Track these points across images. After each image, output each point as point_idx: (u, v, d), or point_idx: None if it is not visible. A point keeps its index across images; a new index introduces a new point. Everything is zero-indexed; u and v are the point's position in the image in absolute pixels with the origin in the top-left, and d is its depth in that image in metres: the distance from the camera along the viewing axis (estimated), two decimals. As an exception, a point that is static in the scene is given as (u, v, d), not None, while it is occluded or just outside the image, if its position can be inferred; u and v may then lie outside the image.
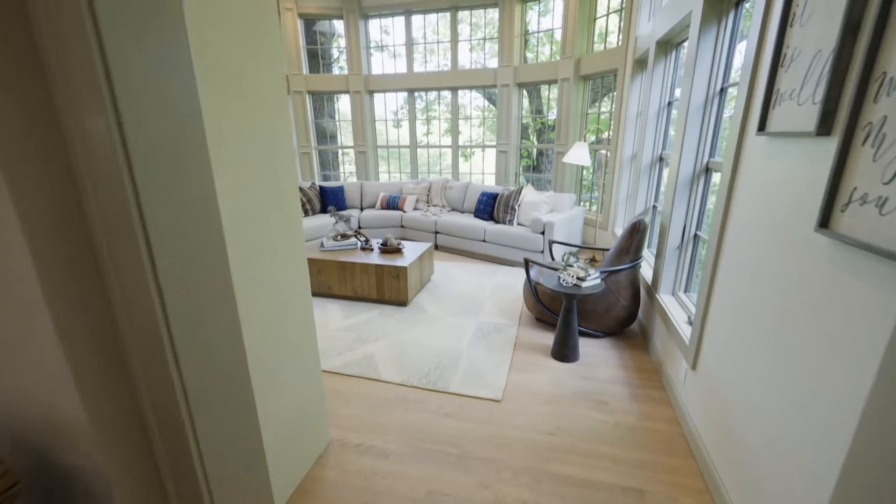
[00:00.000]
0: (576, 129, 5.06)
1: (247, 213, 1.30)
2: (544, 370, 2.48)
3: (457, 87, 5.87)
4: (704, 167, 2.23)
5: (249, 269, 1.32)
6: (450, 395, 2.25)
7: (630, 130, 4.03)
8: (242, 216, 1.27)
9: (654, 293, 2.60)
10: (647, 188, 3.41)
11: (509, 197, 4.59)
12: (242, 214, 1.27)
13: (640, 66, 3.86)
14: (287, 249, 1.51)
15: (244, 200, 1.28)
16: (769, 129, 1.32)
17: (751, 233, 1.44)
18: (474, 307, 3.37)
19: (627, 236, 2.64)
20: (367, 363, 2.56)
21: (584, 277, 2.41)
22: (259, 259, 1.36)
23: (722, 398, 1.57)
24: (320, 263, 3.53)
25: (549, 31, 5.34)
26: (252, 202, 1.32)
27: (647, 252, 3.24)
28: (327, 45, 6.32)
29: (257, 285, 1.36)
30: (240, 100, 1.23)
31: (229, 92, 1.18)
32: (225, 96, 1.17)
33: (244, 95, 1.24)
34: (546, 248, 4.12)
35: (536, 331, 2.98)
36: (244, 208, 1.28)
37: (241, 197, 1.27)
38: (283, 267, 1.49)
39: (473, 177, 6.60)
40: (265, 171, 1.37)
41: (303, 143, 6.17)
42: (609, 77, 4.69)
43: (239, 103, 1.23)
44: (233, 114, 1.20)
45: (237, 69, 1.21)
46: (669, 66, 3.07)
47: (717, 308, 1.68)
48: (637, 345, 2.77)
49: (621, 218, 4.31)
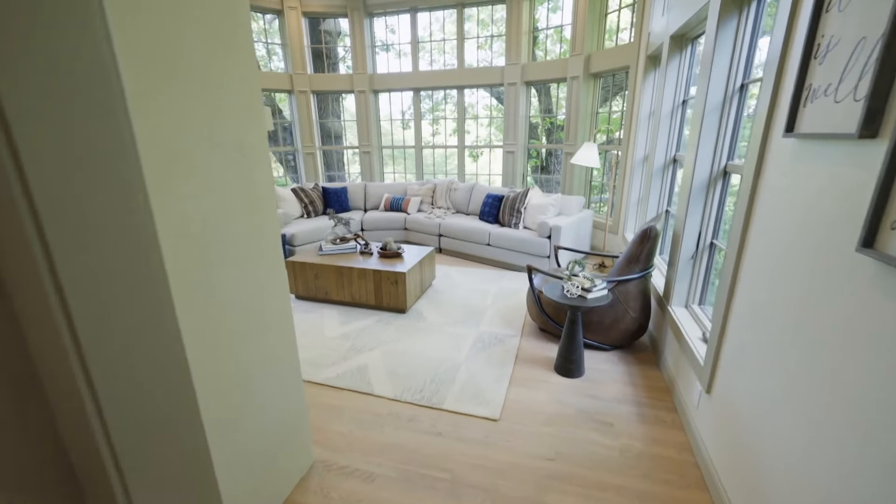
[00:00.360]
0: (585, 129, 4.88)
1: (214, 220, 1.18)
2: (546, 386, 2.33)
3: (463, 86, 5.73)
4: (722, 171, 2.06)
5: (218, 282, 1.20)
6: (444, 412, 2.12)
7: (642, 131, 3.84)
8: (209, 224, 1.16)
9: (665, 305, 2.43)
10: (659, 192, 3.23)
11: (515, 199, 4.44)
12: (209, 222, 1.16)
13: (654, 62, 3.67)
14: (262, 259, 1.40)
15: (211, 207, 1.17)
16: (799, 130, 1.16)
17: (776, 246, 1.27)
18: (475, 315, 3.23)
19: (637, 243, 2.47)
20: (361, 375, 2.44)
21: (589, 288, 2.25)
22: (228, 270, 1.25)
23: (741, 428, 1.41)
24: (318, 268, 3.43)
25: (559, 28, 5.17)
26: (220, 209, 1.20)
27: (659, 259, 3.06)
28: (332, 44, 6.24)
29: (226, 299, 1.24)
30: (204, 101, 1.11)
31: (192, 92, 1.07)
32: (186, 97, 1.05)
33: (210, 96, 1.13)
34: (552, 253, 3.96)
35: (540, 342, 2.83)
36: (211, 216, 1.17)
37: (208, 203, 1.16)
38: (257, 278, 1.38)
39: (480, 178, 6.44)
40: (235, 175, 1.26)
41: (307, 143, 6.10)
42: (620, 75, 4.50)
43: (203, 104, 1.11)
44: (196, 115, 1.09)
45: (201, 68, 1.09)
46: (684, 63, 2.89)
47: (735, 327, 1.52)
48: (647, 359, 2.60)
49: (632, 222, 4.12)
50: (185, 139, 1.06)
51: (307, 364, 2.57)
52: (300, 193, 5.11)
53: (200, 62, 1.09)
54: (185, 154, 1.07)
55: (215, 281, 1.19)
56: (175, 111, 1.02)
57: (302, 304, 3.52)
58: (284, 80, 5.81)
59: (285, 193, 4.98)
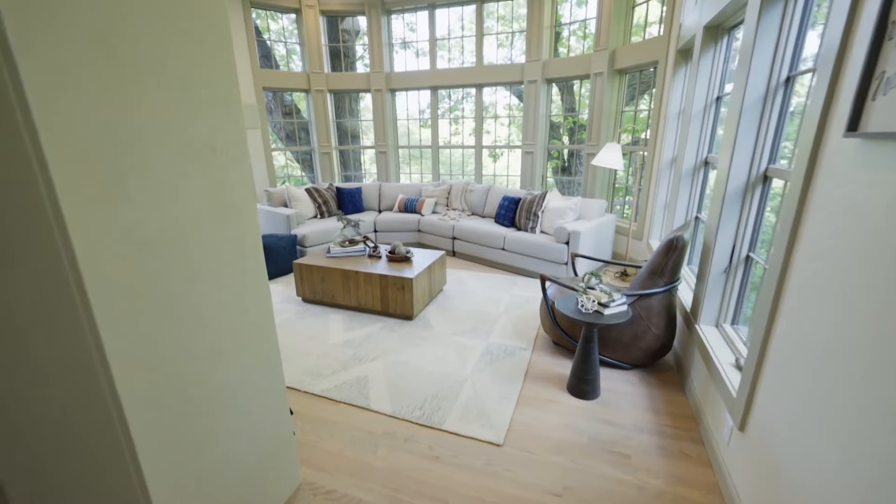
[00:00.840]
0: (609, 129, 4.62)
1: (178, 228, 1.07)
2: (557, 408, 2.14)
3: (482, 84, 5.55)
4: (762, 175, 1.82)
5: (180, 297, 1.09)
6: (444, 433, 1.97)
7: (671, 130, 3.57)
8: (169, 233, 1.05)
9: (692, 323, 2.20)
10: (688, 196, 2.97)
11: (532, 202, 4.24)
12: (169, 231, 1.05)
13: (685, 56, 3.40)
14: (240, 271, 1.28)
15: (173, 214, 1.06)
16: (866, 129, 0.95)
17: (832, 268, 1.06)
18: (486, 325, 3.06)
19: (662, 254, 2.25)
20: (359, 387, 2.32)
21: (607, 303, 2.05)
22: (194, 284, 1.13)
23: (781, 475, 1.20)
24: (324, 271, 3.34)
25: (583, 23, 4.92)
26: (186, 216, 1.09)
27: (686, 271, 2.81)
28: (351, 43, 6.18)
29: (192, 316, 1.13)
30: (163, 93, 1.00)
31: (141, 81, 0.95)
32: (133, 85, 0.94)
33: (170, 87, 1.02)
34: (569, 260, 3.74)
35: (552, 357, 2.64)
36: (172, 223, 1.05)
37: (170, 209, 1.04)
38: (233, 293, 1.26)
39: (499, 179, 6.25)
40: (206, 178, 1.15)
41: (323, 142, 6.06)
42: (648, 71, 4.23)
43: (161, 95, 1.00)
44: (150, 108, 0.98)
45: (154, 54, 0.97)
46: (719, 56, 2.63)
47: (777, 358, 1.30)
48: (671, 381, 2.37)
49: (658, 228, 3.86)
50: (134, 135, 0.95)
51: (306, 373, 2.47)
52: (314, 193, 5.06)
53: (154, 47, 0.97)
54: (134, 152, 0.95)
55: (177, 296, 1.08)
56: (114, 101, 0.90)
57: (309, 307, 3.44)
58: (302, 79, 5.79)
59: (299, 193, 4.94)
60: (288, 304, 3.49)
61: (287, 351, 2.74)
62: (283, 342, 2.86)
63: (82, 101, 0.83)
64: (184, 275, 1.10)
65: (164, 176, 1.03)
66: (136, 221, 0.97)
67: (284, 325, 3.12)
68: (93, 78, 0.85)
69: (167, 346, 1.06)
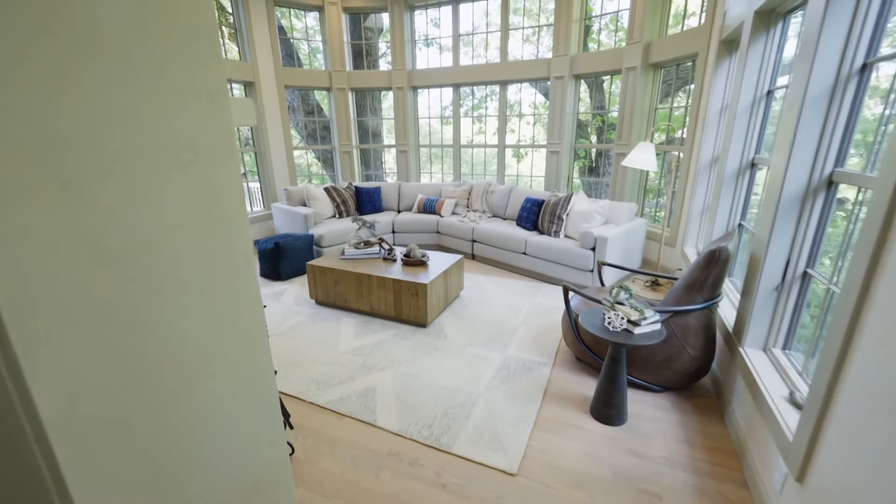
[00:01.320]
0: (641, 128, 4.33)
1: (149, 237, 0.96)
2: (578, 434, 1.94)
3: (506, 81, 5.35)
4: (826, 180, 1.57)
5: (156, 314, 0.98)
6: (453, 457, 1.81)
7: (711, 128, 3.28)
8: (137, 243, 0.93)
9: (735, 344, 1.95)
10: (731, 201, 2.70)
11: (556, 204, 4.01)
12: (137, 240, 0.93)
13: (729, 47, 3.11)
14: (225, 284, 1.16)
15: (142, 221, 0.94)
16: None
17: (935, 302, 0.84)
18: (503, 335, 2.88)
19: (702, 267, 2.01)
20: (366, 400, 2.19)
21: (637, 321, 1.84)
22: (168, 300, 1.02)
23: (856, 557, 0.98)
24: (337, 273, 3.24)
25: (615, 14, 4.64)
26: (159, 223, 0.98)
27: (728, 284, 2.54)
28: (374, 40, 6.10)
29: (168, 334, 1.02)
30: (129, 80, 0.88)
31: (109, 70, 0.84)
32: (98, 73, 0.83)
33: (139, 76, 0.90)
34: (595, 267, 3.50)
35: (575, 374, 2.43)
36: (141, 231, 0.94)
37: (140, 216, 0.93)
38: (217, 307, 1.14)
39: (522, 180, 6.02)
40: (186, 181, 1.03)
41: (344, 141, 6.01)
42: (685, 65, 3.92)
43: (127, 85, 0.88)
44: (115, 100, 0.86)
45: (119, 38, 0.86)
46: (771, 44, 2.35)
47: (851, 398, 1.08)
48: (708, 408, 2.12)
49: (694, 234, 3.56)
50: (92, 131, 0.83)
51: (313, 382, 2.36)
52: (333, 193, 5.00)
53: (116, 27, 0.86)
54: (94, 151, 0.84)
55: (147, 313, 0.96)
56: (66, 91, 0.80)
57: (321, 310, 3.36)
58: (323, 77, 5.75)
59: (318, 193, 4.89)
60: (301, 307, 3.42)
61: (296, 356, 2.65)
62: (292, 347, 2.77)
63: (27, 89, 0.72)
64: (156, 289, 0.98)
65: (133, 178, 0.91)
66: (99, 229, 0.86)
67: (296, 328, 3.04)
68: (38, 63, 0.74)
69: (133, 369, 0.94)
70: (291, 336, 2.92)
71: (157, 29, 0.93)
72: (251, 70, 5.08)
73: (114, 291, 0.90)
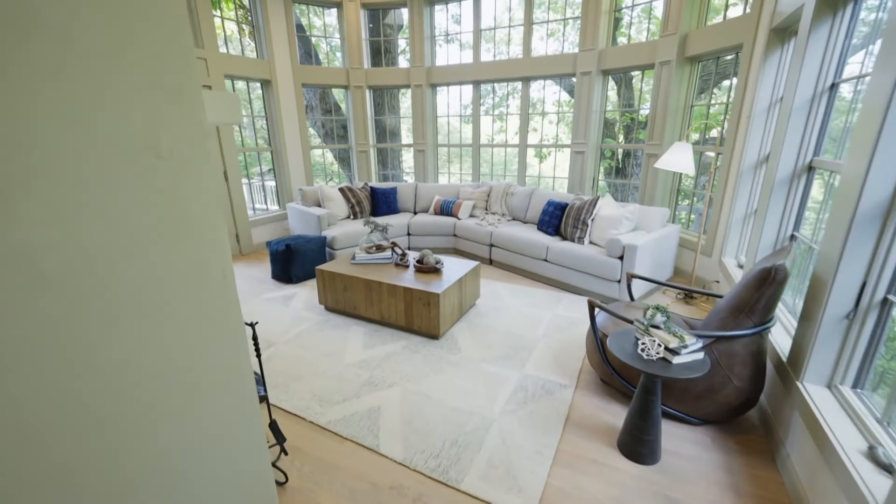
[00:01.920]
0: (674, 127, 4.02)
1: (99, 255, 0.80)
2: (604, 472, 1.72)
3: (529, 78, 5.10)
4: (919, 189, 1.30)
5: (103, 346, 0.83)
6: (462, 494, 1.62)
7: (757, 127, 2.97)
8: (85, 263, 0.78)
9: (792, 378, 1.69)
10: (783, 209, 2.40)
11: (581, 209, 3.76)
12: (86, 260, 0.78)
13: (781, 37, 2.79)
14: (198, 308, 1.01)
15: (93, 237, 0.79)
16: None
17: None
18: (521, 351, 2.67)
19: (753, 287, 1.75)
20: (370, 422, 2.02)
21: (676, 349, 1.60)
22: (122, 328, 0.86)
23: None
24: (346, 279, 3.09)
25: (648, 5, 4.32)
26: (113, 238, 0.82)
27: (780, 306, 2.26)
28: (393, 37, 5.96)
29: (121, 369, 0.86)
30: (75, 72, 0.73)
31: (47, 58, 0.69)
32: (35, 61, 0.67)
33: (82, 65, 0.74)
34: (622, 278, 3.24)
35: (600, 399, 2.20)
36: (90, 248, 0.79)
37: (87, 232, 0.78)
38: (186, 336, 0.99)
39: (545, 181, 5.75)
40: (146, 188, 0.87)
41: (360, 140, 5.89)
42: (725, 59, 3.59)
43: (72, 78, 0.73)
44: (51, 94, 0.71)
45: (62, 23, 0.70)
46: (838, 31, 2.05)
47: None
48: (756, 446, 1.86)
49: (734, 243, 3.25)
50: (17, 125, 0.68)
51: (315, 398, 2.21)
52: (347, 193, 4.88)
53: (56, 7, 0.70)
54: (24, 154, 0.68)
55: (92, 345, 0.81)
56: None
57: (330, 317, 3.22)
58: (341, 74, 5.64)
59: (332, 193, 4.77)
60: (310, 312, 3.29)
61: (300, 367, 2.51)
62: (297, 356, 2.64)
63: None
64: (107, 317, 0.83)
65: (75, 185, 0.76)
66: (30, 246, 0.71)
67: (303, 335, 2.91)
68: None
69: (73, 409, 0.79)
70: (297, 344, 2.79)
71: (110, 7, 0.77)
72: (268, 68, 5.01)
73: (51, 321, 0.75)
